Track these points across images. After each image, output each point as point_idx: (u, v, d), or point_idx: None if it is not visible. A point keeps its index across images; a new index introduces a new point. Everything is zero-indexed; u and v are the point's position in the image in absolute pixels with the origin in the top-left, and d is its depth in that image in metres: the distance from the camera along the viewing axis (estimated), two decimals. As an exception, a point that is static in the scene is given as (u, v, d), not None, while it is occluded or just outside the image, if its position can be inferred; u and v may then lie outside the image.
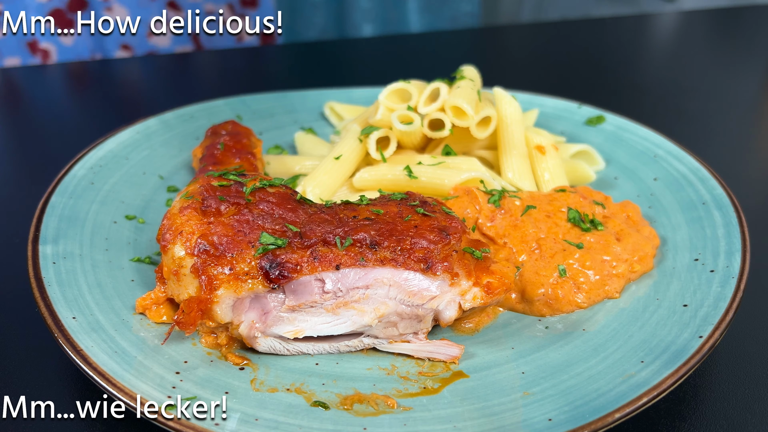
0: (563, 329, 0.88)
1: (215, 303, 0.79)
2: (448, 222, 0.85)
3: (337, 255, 0.80)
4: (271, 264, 0.79)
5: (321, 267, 0.80)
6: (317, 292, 0.81)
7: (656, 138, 1.24)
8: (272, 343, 0.82)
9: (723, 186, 1.08)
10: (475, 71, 1.27)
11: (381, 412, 0.75)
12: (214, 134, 1.16)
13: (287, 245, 0.80)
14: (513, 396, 0.76)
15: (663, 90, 1.82)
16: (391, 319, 0.83)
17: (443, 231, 0.83)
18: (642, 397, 0.72)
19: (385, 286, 0.81)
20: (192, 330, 0.79)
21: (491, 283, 0.84)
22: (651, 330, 0.84)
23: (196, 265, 0.79)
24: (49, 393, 0.81)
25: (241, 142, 1.12)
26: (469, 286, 0.83)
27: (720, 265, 0.92)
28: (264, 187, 0.89)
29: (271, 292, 0.80)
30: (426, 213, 0.86)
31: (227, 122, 1.20)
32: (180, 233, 0.82)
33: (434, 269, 0.81)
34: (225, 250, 0.80)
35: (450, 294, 0.83)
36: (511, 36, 2.37)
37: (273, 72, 1.90)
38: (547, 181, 1.14)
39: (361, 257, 0.80)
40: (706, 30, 2.35)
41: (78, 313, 0.82)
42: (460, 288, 0.83)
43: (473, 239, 0.89)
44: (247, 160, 1.07)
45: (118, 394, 0.71)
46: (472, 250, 0.86)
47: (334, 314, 0.82)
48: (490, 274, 0.85)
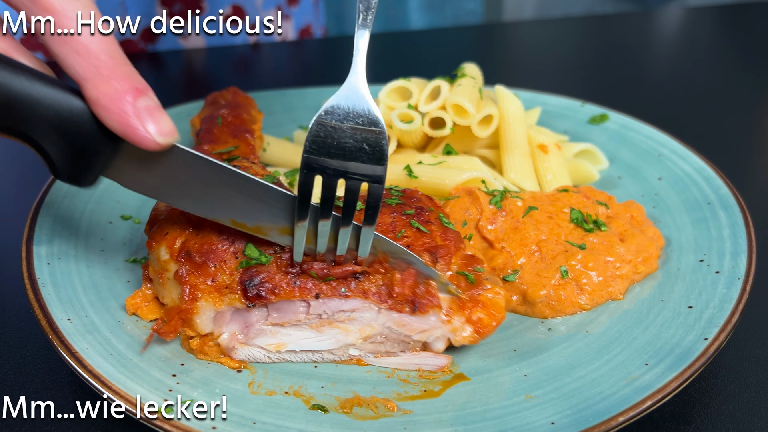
0: (566, 331, 0.87)
1: (196, 314, 0.77)
2: (443, 239, 0.82)
3: (317, 283, 0.77)
4: (251, 282, 0.76)
5: (299, 293, 0.76)
6: (302, 312, 0.79)
7: (661, 137, 1.23)
8: (251, 352, 0.81)
9: (729, 186, 1.06)
10: (476, 69, 1.26)
11: (381, 415, 0.74)
12: (214, 104, 1.11)
13: (270, 263, 0.77)
14: (515, 399, 0.76)
15: (668, 88, 1.80)
16: (377, 339, 0.82)
17: (433, 254, 0.80)
18: (646, 400, 0.71)
19: (372, 311, 0.79)
20: (173, 337, 0.78)
21: (482, 320, 0.79)
22: (655, 332, 0.83)
23: (179, 272, 0.78)
24: (49, 393, 0.80)
25: (240, 116, 1.08)
26: (461, 323, 0.80)
27: (725, 266, 0.91)
28: None
29: (252, 309, 0.79)
30: (420, 228, 0.82)
31: (228, 90, 1.15)
32: (166, 234, 0.80)
33: (422, 309, 0.78)
34: (208, 260, 0.77)
35: (441, 330, 0.81)
36: (513, 33, 2.35)
37: (271, 69, 1.89)
38: (549, 181, 1.13)
39: (343, 287, 0.77)
40: (712, 27, 2.33)
41: (73, 314, 0.81)
42: (452, 326, 0.80)
43: (467, 255, 0.84)
44: (245, 141, 1.03)
45: (114, 398, 0.70)
46: (465, 273, 0.81)
47: (318, 331, 0.81)
48: (480, 306, 0.80)
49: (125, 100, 0.64)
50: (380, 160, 0.70)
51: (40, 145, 0.67)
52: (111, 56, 0.65)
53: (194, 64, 1.85)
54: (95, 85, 0.64)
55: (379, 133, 0.70)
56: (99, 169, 0.70)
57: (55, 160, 0.68)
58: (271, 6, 1.93)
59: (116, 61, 0.65)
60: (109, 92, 0.64)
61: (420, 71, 1.35)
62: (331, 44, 2.21)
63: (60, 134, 0.66)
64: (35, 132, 0.65)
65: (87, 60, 0.64)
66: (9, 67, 0.64)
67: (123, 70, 0.65)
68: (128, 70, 0.66)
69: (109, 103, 0.64)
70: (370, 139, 0.70)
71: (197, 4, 1.83)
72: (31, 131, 0.65)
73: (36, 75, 0.65)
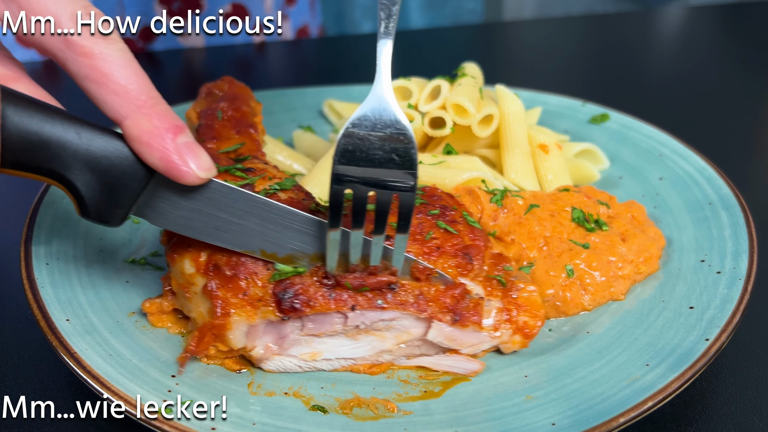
0: (567, 332, 0.87)
1: (229, 329, 0.75)
2: (471, 239, 0.82)
3: (352, 295, 0.75)
4: (284, 294, 0.74)
5: (335, 305, 0.75)
6: (338, 323, 0.78)
7: (662, 136, 1.23)
8: (283, 362, 0.79)
9: (730, 186, 1.06)
10: (476, 68, 1.25)
11: (381, 416, 0.74)
12: (210, 95, 1.08)
13: (305, 274, 0.75)
14: (515, 400, 0.75)
15: (669, 87, 1.80)
16: (414, 344, 0.81)
17: (467, 254, 0.80)
18: (647, 401, 0.71)
19: (411, 319, 0.78)
20: (205, 353, 0.77)
21: (527, 323, 0.81)
22: (656, 333, 0.83)
23: (208, 286, 0.75)
24: (48, 393, 0.80)
25: (240, 109, 1.05)
26: (509, 332, 0.80)
27: (727, 266, 0.91)
28: (276, 193, 0.83)
29: (286, 321, 0.77)
30: (447, 228, 0.82)
31: (223, 80, 1.12)
32: (189, 247, 0.78)
33: (463, 322, 0.77)
34: (238, 273, 0.75)
35: (490, 342, 0.81)
36: (513, 32, 2.35)
37: (271, 69, 1.88)
38: (550, 181, 1.12)
39: (380, 298, 0.76)
40: (713, 26, 2.33)
41: (72, 315, 0.80)
42: (502, 338, 0.80)
43: (494, 254, 0.85)
44: (249, 137, 1.00)
45: (114, 398, 0.70)
46: (496, 275, 0.82)
47: (353, 339, 0.80)
48: (521, 309, 0.81)
49: (166, 138, 0.67)
50: (410, 169, 0.70)
51: (72, 184, 0.68)
52: (149, 95, 0.68)
53: (193, 63, 1.85)
54: (136, 122, 0.67)
55: (408, 143, 0.70)
56: (128, 206, 0.71)
57: (86, 199, 0.69)
58: (273, 6, 1.93)
59: (155, 99, 0.68)
60: (150, 130, 0.67)
61: (420, 71, 1.35)
62: (329, 44, 2.20)
63: (92, 171, 0.68)
64: (68, 170, 0.67)
65: (127, 100, 0.66)
66: (38, 109, 0.65)
67: (162, 109, 0.68)
68: (165, 108, 0.69)
69: (151, 140, 0.67)
70: (399, 148, 0.70)
71: (197, 3, 1.82)
72: (64, 170, 0.67)
73: (62, 114, 0.66)
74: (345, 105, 1.37)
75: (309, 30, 2.12)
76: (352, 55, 2.03)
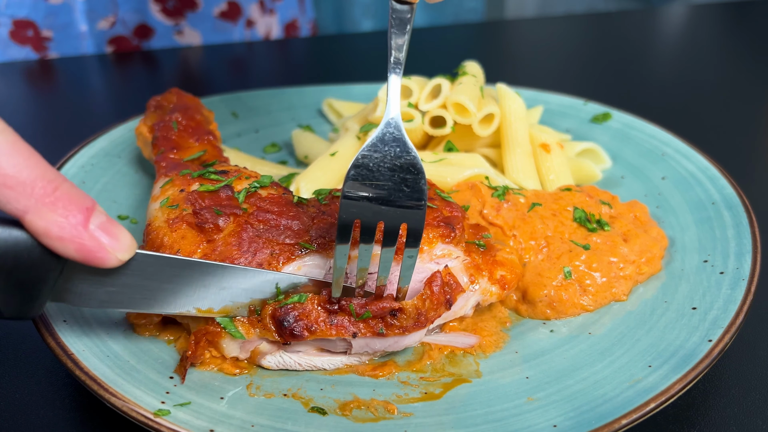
0: (568, 333, 0.86)
1: (222, 338, 0.75)
2: (449, 211, 0.84)
3: (354, 321, 0.75)
4: (285, 319, 0.73)
5: (336, 332, 0.74)
6: (341, 347, 0.78)
7: (664, 136, 1.22)
8: (282, 358, 0.79)
9: (733, 185, 1.05)
10: (477, 67, 1.25)
11: (381, 418, 0.73)
12: (159, 108, 1.07)
13: (306, 300, 0.74)
14: (517, 401, 0.75)
15: (671, 86, 1.79)
16: None
17: (449, 224, 0.82)
18: (649, 402, 0.70)
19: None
20: (201, 360, 0.77)
21: (504, 277, 0.84)
22: (659, 333, 0.82)
23: None
24: (45, 394, 0.79)
25: (195, 119, 1.04)
26: (487, 284, 0.84)
27: (730, 266, 0.90)
28: (256, 190, 0.84)
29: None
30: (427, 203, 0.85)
31: (171, 92, 1.11)
32: (177, 252, 0.76)
33: (455, 299, 0.79)
34: None
35: (473, 299, 0.83)
36: (515, 31, 2.34)
37: (270, 68, 1.88)
38: (551, 180, 1.12)
39: (381, 325, 0.75)
40: (716, 24, 2.32)
41: (69, 316, 0.80)
42: (481, 288, 0.83)
43: (472, 224, 0.89)
44: (210, 143, 1.00)
45: (111, 400, 0.69)
46: (476, 241, 0.86)
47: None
48: (500, 265, 0.85)
49: (78, 227, 0.59)
50: (419, 201, 0.70)
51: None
52: (47, 179, 0.58)
53: (189, 62, 1.84)
54: (39, 216, 0.58)
55: (418, 174, 0.70)
56: (45, 297, 0.64)
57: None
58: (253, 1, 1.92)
59: (54, 183, 0.58)
60: (57, 221, 0.58)
61: (420, 69, 1.34)
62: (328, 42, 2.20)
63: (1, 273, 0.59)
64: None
65: (22, 192, 0.57)
66: None
67: (65, 191, 0.59)
68: (69, 189, 0.59)
69: (62, 233, 0.58)
70: (409, 180, 0.70)
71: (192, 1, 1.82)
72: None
73: None
74: (345, 104, 1.37)
75: (298, 25, 2.10)
76: (352, 53, 2.02)
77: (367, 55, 1.98)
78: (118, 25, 1.68)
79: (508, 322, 0.89)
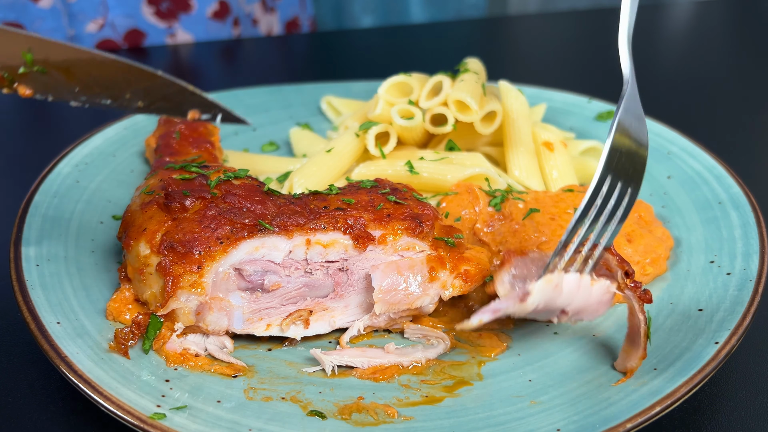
0: (572, 335, 0.85)
1: (174, 299, 0.78)
2: (420, 209, 0.86)
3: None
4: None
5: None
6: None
7: (670, 134, 1.21)
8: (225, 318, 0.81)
9: (740, 184, 1.04)
10: (479, 64, 1.23)
11: (381, 421, 0.72)
12: (168, 122, 1.13)
13: None
14: (519, 405, 0.74)
15: (677, 84, 1.78)
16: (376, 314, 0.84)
17: (416, 219, 0.84)
18: (655, 406, 0.69)
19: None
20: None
21: (468, 271, 0.84)
22: (664, 336, 0.81)
23: (162, 263, 0.78)
24: (38, 397, 0.78)
25: (197, 130, 1.10)
26: (448, 276, 0.84)
27: (737, 267, 0.89)
28: (229, 180, 0.87)
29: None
30: (398, 201, 0.86)
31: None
32: (143, 230, 0.81)
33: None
34: (192, 248, 0.78)
35: (432, 290, 0.83)
36: (517, 27, 2.33)
37: (268, 65, 1.86)
38: (555, 179, 1.11)
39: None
40: (723, 21, 2.30)
41: (63, 317, 0.79)
42: (440, 281, 0.83)
43: (445, 225, 0.90)
44: (207, 150, 1.06)
45: (105, 403, 0.68)
46: (445, 238, 0.86)
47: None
48: (465, 261, 0.85)
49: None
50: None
51: None
52: None
53: (181, 58, 1.83)
54: None
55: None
56: None
57: None
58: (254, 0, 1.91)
59: None
60: None
61: (421, 66, 1.33)
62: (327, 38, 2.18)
63: None
64: None
65: None
66: None
67: None
68: None
69: None
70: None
71: (186, 3, 1.80)
72: None
73: None
74: (344, 101, 1.35)
75: (299, 22, 2.09)
76: (351, 49, 2.01)
77: (367, 51, 1.96)
78: (106, 28, 1.68)
79: (510, 324, 0.88)
